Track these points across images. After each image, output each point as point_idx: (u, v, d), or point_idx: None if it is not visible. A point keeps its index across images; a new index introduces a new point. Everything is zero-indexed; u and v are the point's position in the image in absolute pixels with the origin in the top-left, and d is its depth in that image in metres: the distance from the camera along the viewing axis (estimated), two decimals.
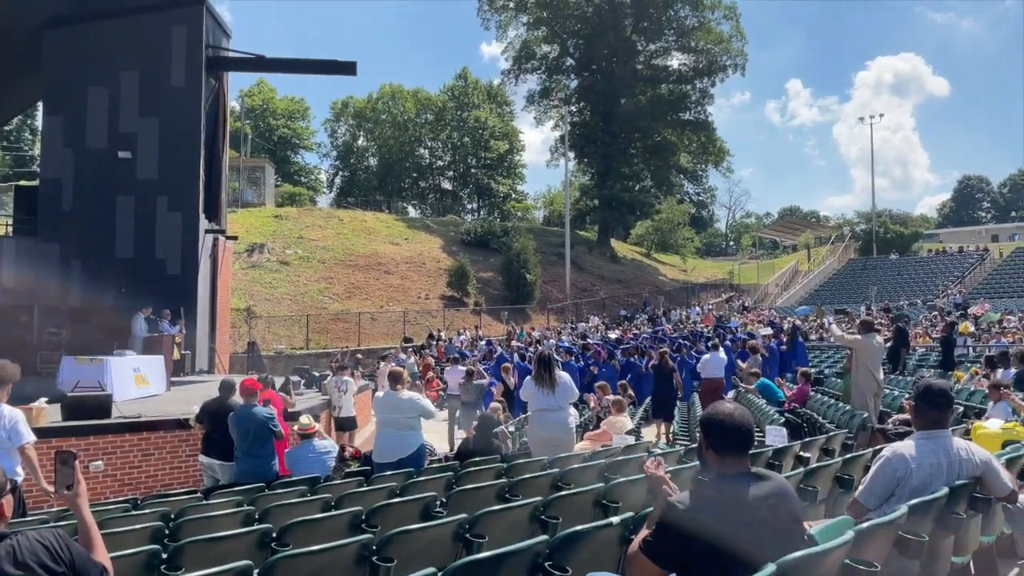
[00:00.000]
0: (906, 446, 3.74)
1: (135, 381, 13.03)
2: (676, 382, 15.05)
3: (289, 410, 9.90)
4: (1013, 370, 10.60)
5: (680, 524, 2.59)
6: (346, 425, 13.03)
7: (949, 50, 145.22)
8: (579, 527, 3.22)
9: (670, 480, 3.02)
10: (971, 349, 19.55)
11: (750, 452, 2.83)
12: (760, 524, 2.56)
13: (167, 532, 4.61)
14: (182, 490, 7.81)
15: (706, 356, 15.60)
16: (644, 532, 2.78)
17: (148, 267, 17.31)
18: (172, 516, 5.26)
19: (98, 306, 16.77)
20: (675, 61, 56.10)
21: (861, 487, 3.79)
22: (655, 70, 55.78)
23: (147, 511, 5.58)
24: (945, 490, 3.46)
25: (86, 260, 17.30)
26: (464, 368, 20.37)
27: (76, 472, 2.68)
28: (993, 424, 7.51)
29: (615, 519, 3.33)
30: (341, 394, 12.83)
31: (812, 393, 12.64)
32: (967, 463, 3.72)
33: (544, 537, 3.10)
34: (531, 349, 22.80)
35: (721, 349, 16.93)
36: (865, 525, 2.90)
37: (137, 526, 4.64)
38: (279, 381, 11.99)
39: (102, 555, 2.66)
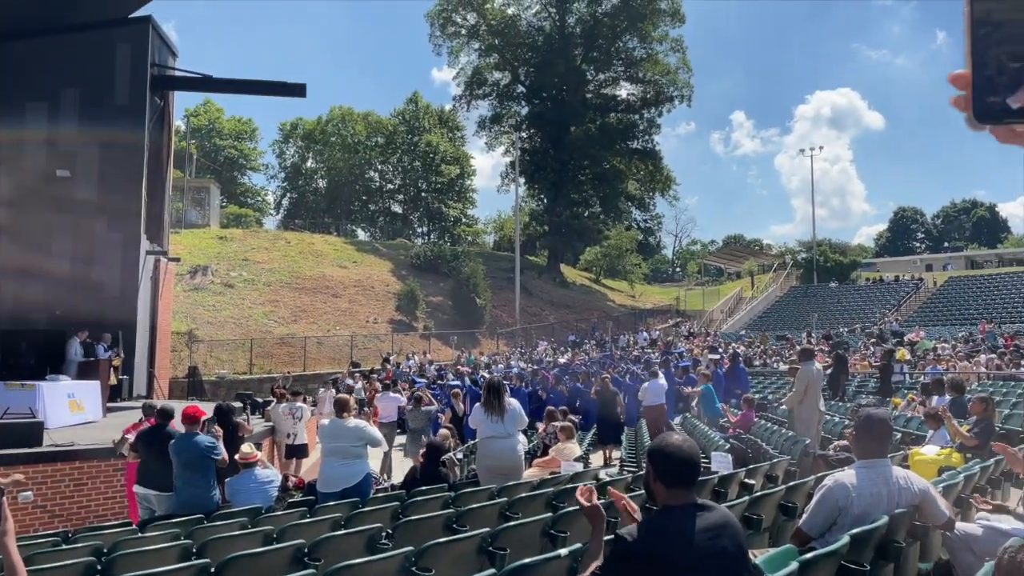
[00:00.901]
0: (847, 475, 3.81)
1: (69, 407, 12.58)
2: (619, 406, 15.23)
3: (244, 436, 9.64)
4: (948, 397, 10.93)
5: (629, 557, 2.59)
6: (299, 453, 12.73)
7: (884, 86, 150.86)
8: (527, 560, 3.18)
9: (620, 497, 3.03)
10: (907, 376, 20.11)
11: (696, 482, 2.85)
12: (707, 556, 2.58)
13: (99, 568, 4.42)
14: (116, 522, 7.52)
15: (646, 384, 15.73)
16: (593, 564, 2.77)
17: (85, 289, 16.80)
18: (105, 550, 5.05)
19: (30, 329, 16.19)
20: (623, 91, 57.29)
21: (804, 516, 3.84)
22: (604, 99, 56.75)
23: (79, 545, 5.36)
24: (885, 519, 3.53)
25: (19, 281, 16.71)
26: (395, 395, 20.26)
27: (4, 508, 2.45)
28: (930, 450, 7.74)
29: (563, 551, 3.31)
30: (296, 421, 12.51)
31: (756, 419, 12.83)
32: (906, 492, 3.80)
33: (492, 571, 3.05)
34: (481, 374, 22.76)
35: (661, 375, 17.22)
36: (809, 556, 2.94)
37: (68, 561, 4.45)
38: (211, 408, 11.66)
39: (22, 572, 2.48)
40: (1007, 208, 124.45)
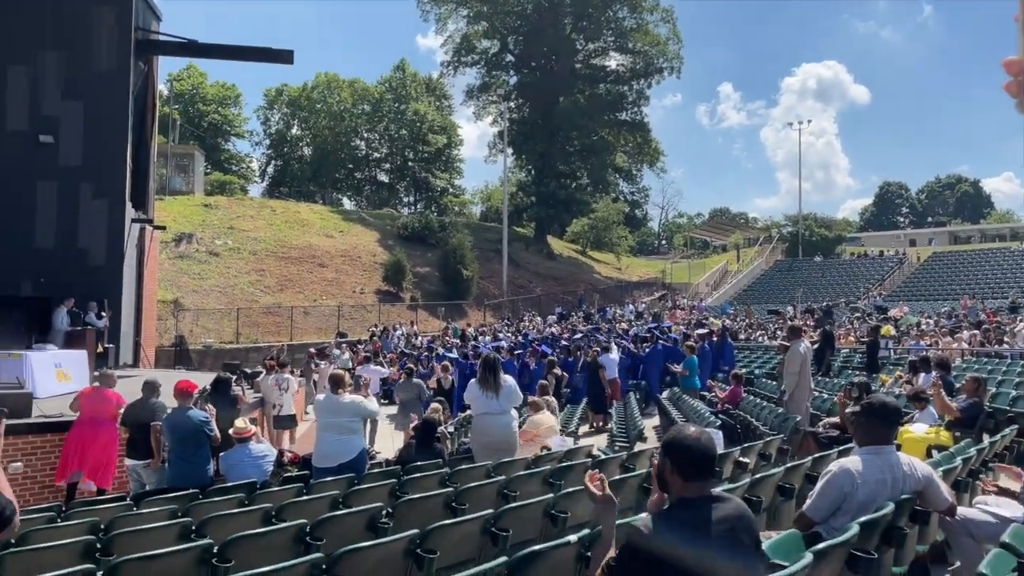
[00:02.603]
0: (853, 462, 3.83)
1: (56, 376, 12.45)
2: (603, 379, 15.57)
3: (241, 408, 9.63)
4: (934, 374, 11.05)
5: (645, 549, 2.58)
6: (286, 424, 12.74)
7: (869, 59, 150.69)
8: (537, 547, 3.18)
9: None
10: (892, 351, 20.32)
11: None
12: (723, 548, 2.57)
13: (99, 547, 4.39)
14: (110, 496, 7.49)
15: (599, 358, 16.19)
16: (608, 554, 2.76)
17: (70, 257, 16.57)
18: (102, 527, 5.03)
19: (15, 296, 15.99)
20: (613, 62, 56.78)
21: (808, 501, 3.87)
22: (593, 69, 56.27)
23: (75, 522, 5.32)
24: (891, 507, 3.56)
25: (3, 248, 16.45)
26: (376, 367, 20.33)
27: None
28: (918, 428, 7.82)
29: (572, 537, 3.31)
30: (283, 392, 12.52)
31: (744, 395, 12.93)
32: (910, 478, 3.83)
33: (504, 559, 3.05)
34: (470, 345, 22.76)
35: (615, 349, 17.66)
36: (822, 546, 2.95)
37: (66, 540, 4.41)
38: (209, 377, 11.62)
39: (7, 491, 2.85)
40: (991, 183, 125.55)
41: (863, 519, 3.37)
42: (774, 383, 14.52)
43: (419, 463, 7.10)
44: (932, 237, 67.99)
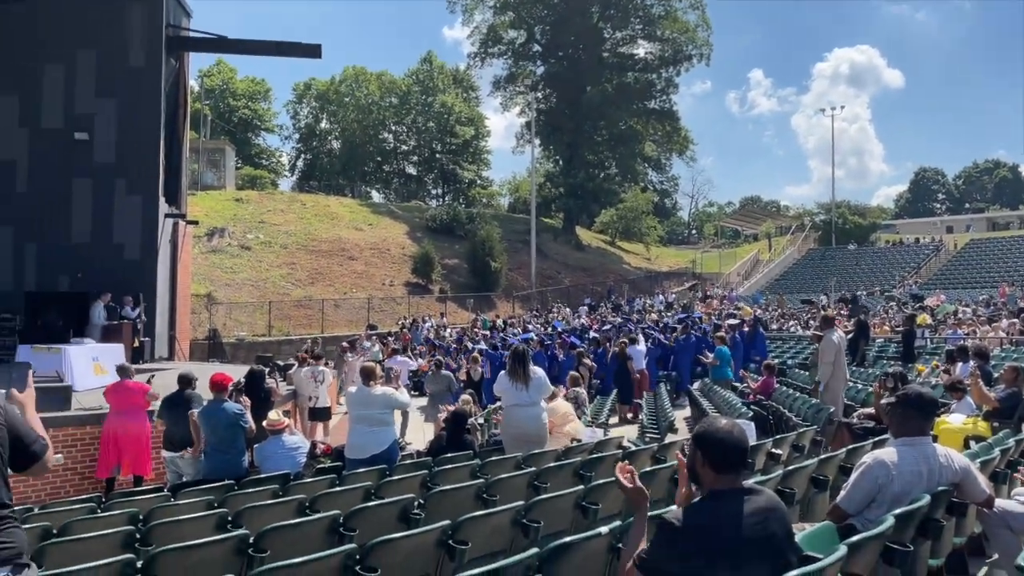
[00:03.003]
0: (888, 453, 3.78)
1: (93, 370, 12.72)
2: (631, 370, 15.61)
3: (275, 401, 9.80)
4: (971, 363, 10.85)
5: (676, 542, 2.58)
6: (321, 416, 12.91)
7: (904, 43, 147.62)
8: (568, 539, 3.19)
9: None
10: (928, 341, 19.99)
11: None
12: (755, 541, 2.56)
13: (138, 538, 4.48)
14: (148, 487, 7.64)
15: (628, 349, 16.22)
16: (640, 546, 2.76)
17: (105, 252, 16.88)
18: (141, 518, 5.13)
19: (54, 292, 16.34)
20: (641, 50, 56.25)
21: (842, 493, 3.82)
22: (621, 58, 55.82)
23: (115, 512, 5.44)
24: (927, 499, 3.51)
25: (41, 244, 16.82)
26: (403, 359, 20.45)
27: (28, 379, 3.23)
28: (956, 419, 7.69)
29: (603, 529, 3.31)
30: (318, 384, 12.70)
31: (776, 385, 12.82)
32: (947, 470, 3.77)
33: (535, 550, 3.06)
34: (501, 336, 22.83)
35: (642, 340, 17.62)
36: (857, 538, 2.92)
37: (106, 531, 4.51)
38: (242, 370, 11.78)
39: (40, 430, 2.91)
40: None
41: (898, 511, 3.32)
42: (807, 373, 14.36)
43: (450, 454, 7.14)
44: (970, 224, 66.66)
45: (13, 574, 2.61)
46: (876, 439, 6.39)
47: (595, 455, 6.72)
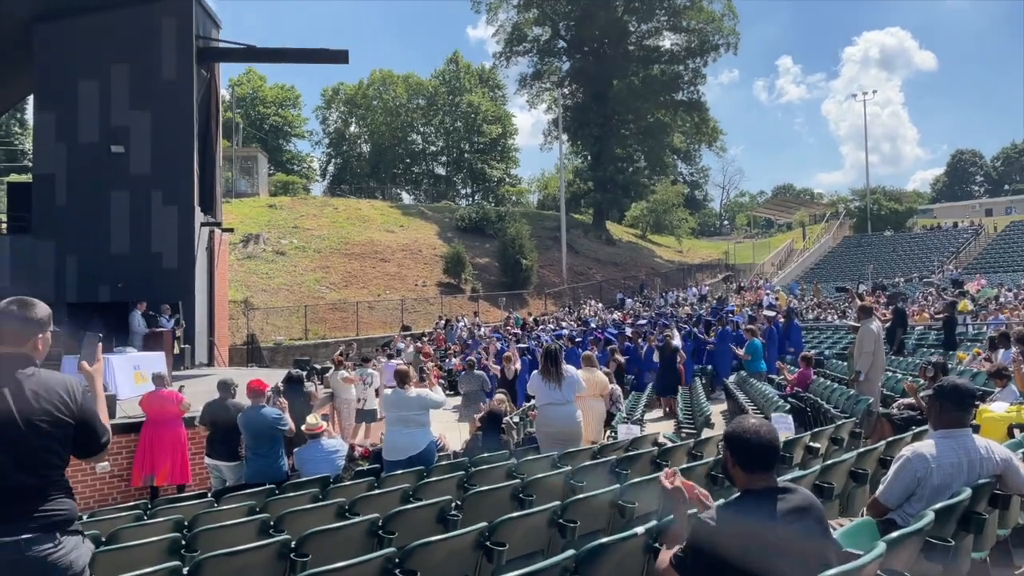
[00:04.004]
0: (926, 446, 3.74)
1: (135, 379, 12.97)
2: (681, 359, 15.62)
3: (314, 405, 9.97)
4: (1014, 350, 10.63)
5: (711, 542, 2.58)
6: (369, 417, 13.11)
7: (935, 24, 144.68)
8: (604, 539, 3.20)
9: (691, 487, 2.99)
10: (969, 327, 19.60)
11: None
12: (791, 540, 2.55)
13: (183, 543, 4.59)
14: (192, 493, 7.80)
15: (673, 341, 16.27)
16: (674, 548, 2.77)
17: (144, 262, 17.21)
18: (186, 524, 5.25)
19: (96, 303, 16.70)
20: (667, 41, 55.86)
21: (881, 487, 3.79)
22: (647, 51, 55.45)
23: (160, 519, 5.56)
24: (968, 492, 3.46)
25: (82, 256, 17.20)
26: (393, 363, 20.54)
27: (98, 351, 3.36)
28: (998, 407, 7.54)
29: (640, 529, 3.32)
30: (366, 387, 12.94)
31: (814, 376, 12.66)
32: (987, 462, 3.72)
33: (572, 552, 3.08)
34: (533, 335, 22.83)
35: (677, 334, 17.54)
36: (895, 535, 2.89)
37: (153, 538, 4.62)
38: (280, 374, 11.97)
39: (104, 416, 3.02)
40: None
41: (938, 505, 3.29)
42: (845, 364, 14.18)
43: (486, 454, 7.18)
44: (1011, 206, 65.09)
45: (62, 536, 2.69)
46: (916, 431, 6.30)
47: (631, 452, 6.71)
